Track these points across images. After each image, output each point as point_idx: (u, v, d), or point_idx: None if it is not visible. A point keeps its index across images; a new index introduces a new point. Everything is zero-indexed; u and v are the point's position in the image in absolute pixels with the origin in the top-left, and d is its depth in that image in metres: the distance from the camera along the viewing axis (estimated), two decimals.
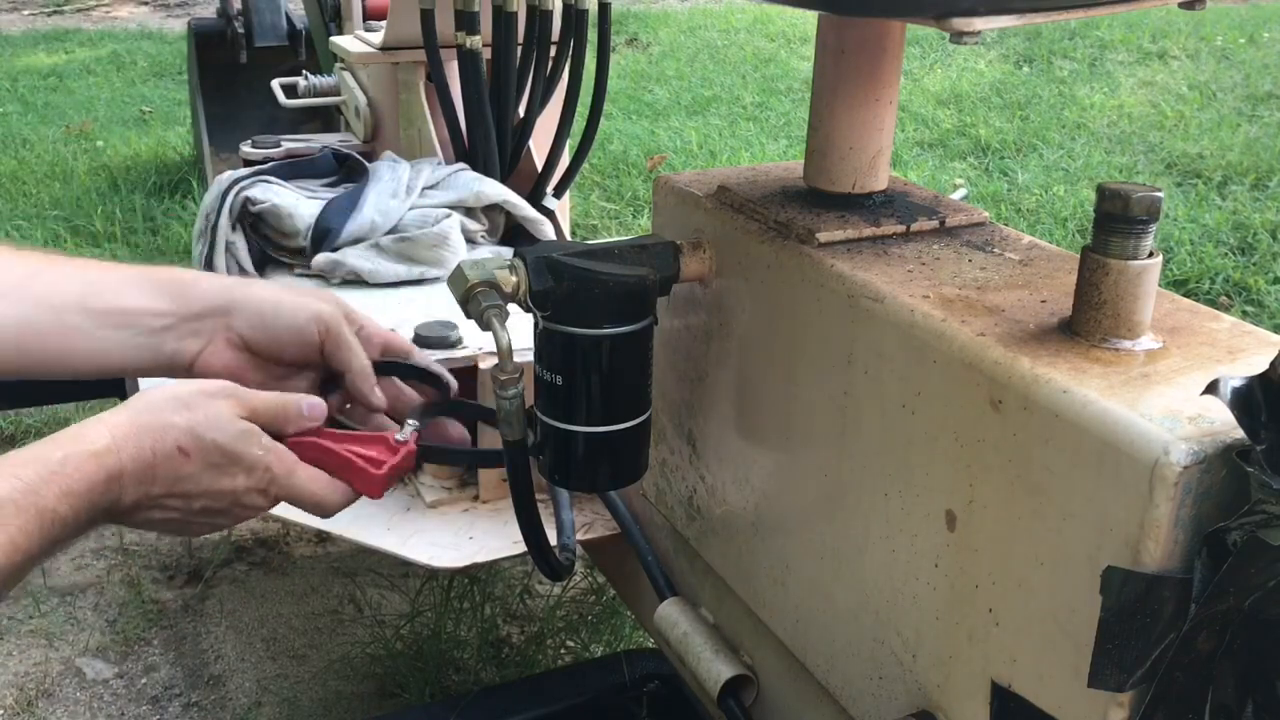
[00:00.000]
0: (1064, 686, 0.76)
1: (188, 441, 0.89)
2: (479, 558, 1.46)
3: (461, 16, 1.87)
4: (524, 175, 2.12)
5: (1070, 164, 4.24)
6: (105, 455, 0.86)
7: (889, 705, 0.96)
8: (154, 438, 0.88)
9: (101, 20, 7.73)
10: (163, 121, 4.99)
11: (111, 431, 0.87)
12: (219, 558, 2.19)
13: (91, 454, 0.85)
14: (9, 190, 4.06)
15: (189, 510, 0.91)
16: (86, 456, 0.85)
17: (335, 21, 2.78)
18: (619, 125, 4.83)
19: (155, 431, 0.88)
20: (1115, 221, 0.78)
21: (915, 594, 0.90)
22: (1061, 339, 0.82)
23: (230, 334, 1.04)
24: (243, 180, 1.84)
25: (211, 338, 1.03)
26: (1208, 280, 3.25)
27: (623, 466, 1.08)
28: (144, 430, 0.88)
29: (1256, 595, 0.67)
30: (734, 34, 6.70)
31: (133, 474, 0.87)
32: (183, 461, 0.89)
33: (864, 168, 1.07)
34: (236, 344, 1.04)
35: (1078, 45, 5.82)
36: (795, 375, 1.02)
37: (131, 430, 0.88)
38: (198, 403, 0.91)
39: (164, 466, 0.88)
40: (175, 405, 0.90)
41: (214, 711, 1.83)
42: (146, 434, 0.88)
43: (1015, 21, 0.84)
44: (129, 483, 0.87)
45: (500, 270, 0.99)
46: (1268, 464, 0.65)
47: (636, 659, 1.49)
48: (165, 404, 0.90)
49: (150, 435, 0.88)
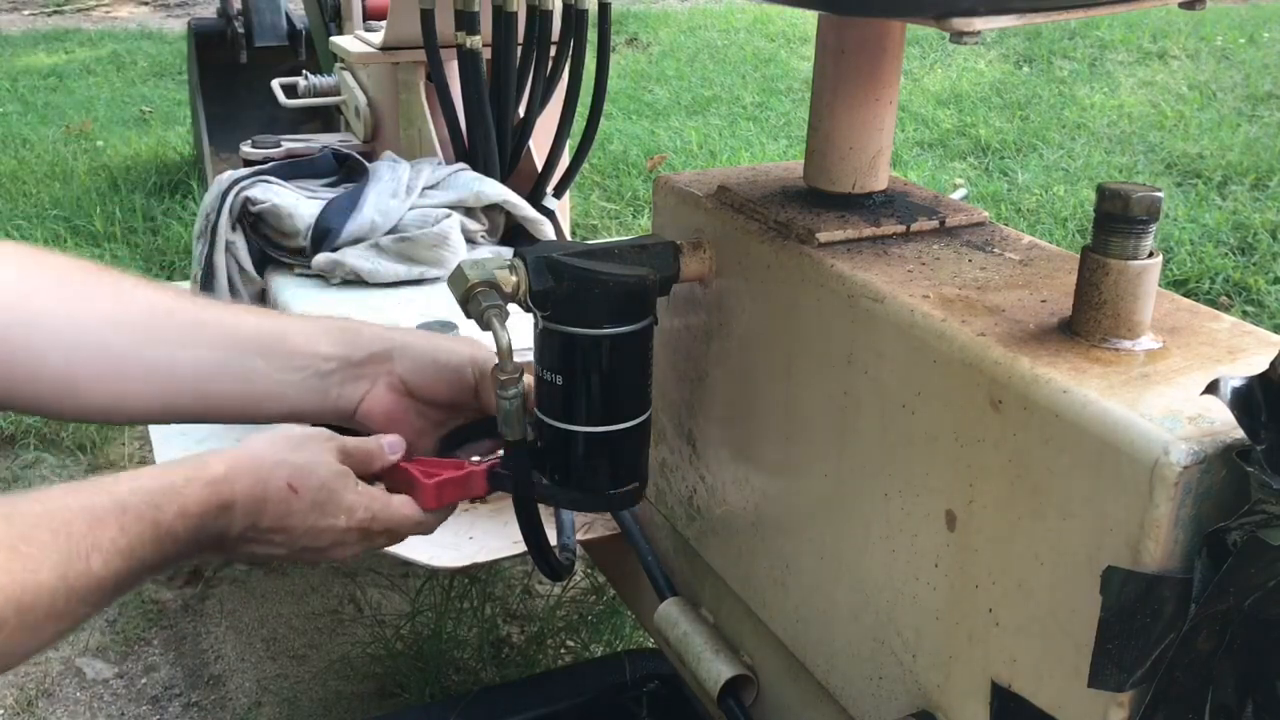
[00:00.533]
0: (1064, 686, 0.76)
1: (298, 479, 0.94)
2: (479, 558, 1.46)
3: (461, 16, 1.87)
4: (524, 175, 2.12)
5: (1070, 164, 4.24)
6: (221, 484, 0.90)
7: (889, 705, 0.96)
8: (268, 473, 0.93)
9: (101, 20, 7.73)
10: (163, 121, 4.99)
11: (229, 464, 0.91)
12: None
13: (209, 481, 0.89)
14: (9, 190, 4.06)
15: (291, 546, 0.96)
16: (204, 483, 0.89)
17: (335, 21, 2.78)
18: (619, 125, 4.83)
19: (268, 468, 0.93)
20: (1115, 221, 0.78)
21: (915, 594, 0.90)
22: (1061, 339, 0.82)
23: (392, 378, 1.08)
24: (243, 180, 1.84)
25: (374, 382, 1.07)
26: (1208, 280, 3.25)
27: (623, 467, 1.08)
28: (259, 466, 0.93)
29: (1256, 595, 0.67)
30: (734, 34, 6.70)
31: (244, 506, 0.91)
32: (292, 498, 0.93)
33: (864, 168, 1.07)
34: (398, 388, 1.08)
35: (1078, 45, 5.82)
36: (795, 375, 1.02)
37: (248, 465, 0.92)
38: (305, 444, 0.96)
39: (274, 502, 0.93)
40: (288, 445, 0.95)
41: (214, 711, 1.83)
42: (261, 469, 0.93)
43: (1015, 21, 0.84)
44: (239, 514, 0.91)
45: (500, 270, 0.99)
46: (1268, 464, 0.65)
47: (636, 659, 1.49)
48: (279, 443, 0.95)
49: (265, 471, 0.93)
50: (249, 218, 1.83)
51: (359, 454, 1.00)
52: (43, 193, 4.02)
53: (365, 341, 1.07)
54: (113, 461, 2.47)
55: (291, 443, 0.96)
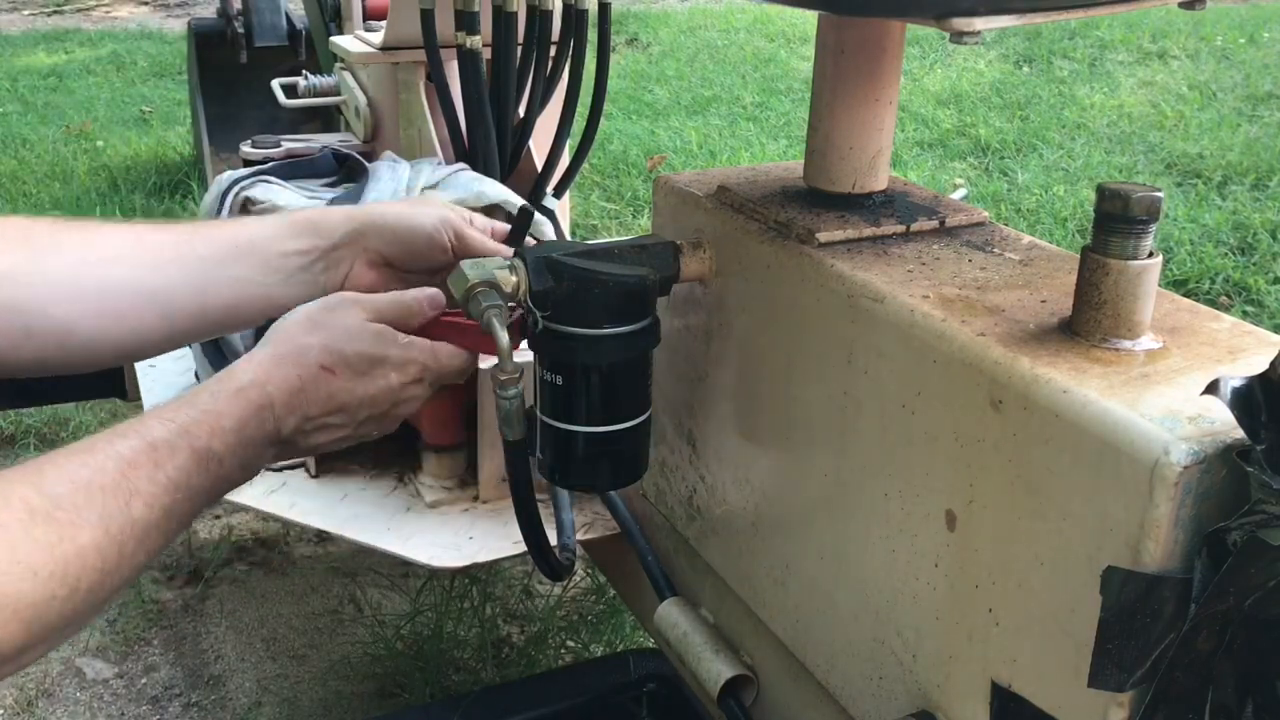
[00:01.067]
0: (1064, 686, 0.76)
1: (329, 359, 0.93)
2: (479, 558, 1.46)
3: (461, 16, 1.87)
4: (524, 175, 2.12)
5: (1070, 164, 4.24)
6: (250, 389, 0.90)
7: (889, 705, 0.96)
8: (295, 362, 0.92)
9: (101, 20, 7.73)
10: (163, 121, 4.99)
11: (254, 368, 0.91)
12: (219, 558, 2.19)
13: (236, 390, 0.89)
14: (9, 190, 4.06)
15: (355, 421, 0.96)
16: (232, 394, 0.89)
17: (335, 21, 2.78)
18: (619, 125, 4.83)
19: (295, 356, 0.92)
20: (1115, 221, 0.78)
21: (915, 594, 0.90)
22: (1061, 339, 0.82)
23: (369, 254, 1.11)
24: (243, 180, 1.84)
25: (353, 262, 1.10)
26: (1208, 280, 3.24)
27: (623, 466, 1.08)
28: (284, 359, 0.92)
29: (1256, 595, 0.67)
30: (734, 34, 6.70)
31: (283, 402, 0.90)
32: (330, 379, 0.93)
33: (864, 168, 1.07)
34: (376, 262, 1.10)
35: (1078, 45, 5.82)
36: (795, 375, 1.02)
37: (273, 362, 0.92)
38: (327, 319, 0.95)
39: (312, 388, 0.92)
40: (308, 327, 0.95)
41: (214, 711, 1.83)
42: (288, 361, 0.92)
43: (1015, 21, 0.84)
44: (281, 411, 0.90)
45: (500, 270, 0.99)
46: (1268, 464, 0.65)
47: (636, 659, 1.49)
48: (298, 329, 0.95)
49: (291, 361, 0.92)
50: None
51: (394, 310, 1.00)
52: (43, 193, 4.02)
53: (333, 226, 1.09)
54: None
55: (311, 322, 0.95)
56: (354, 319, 0.96)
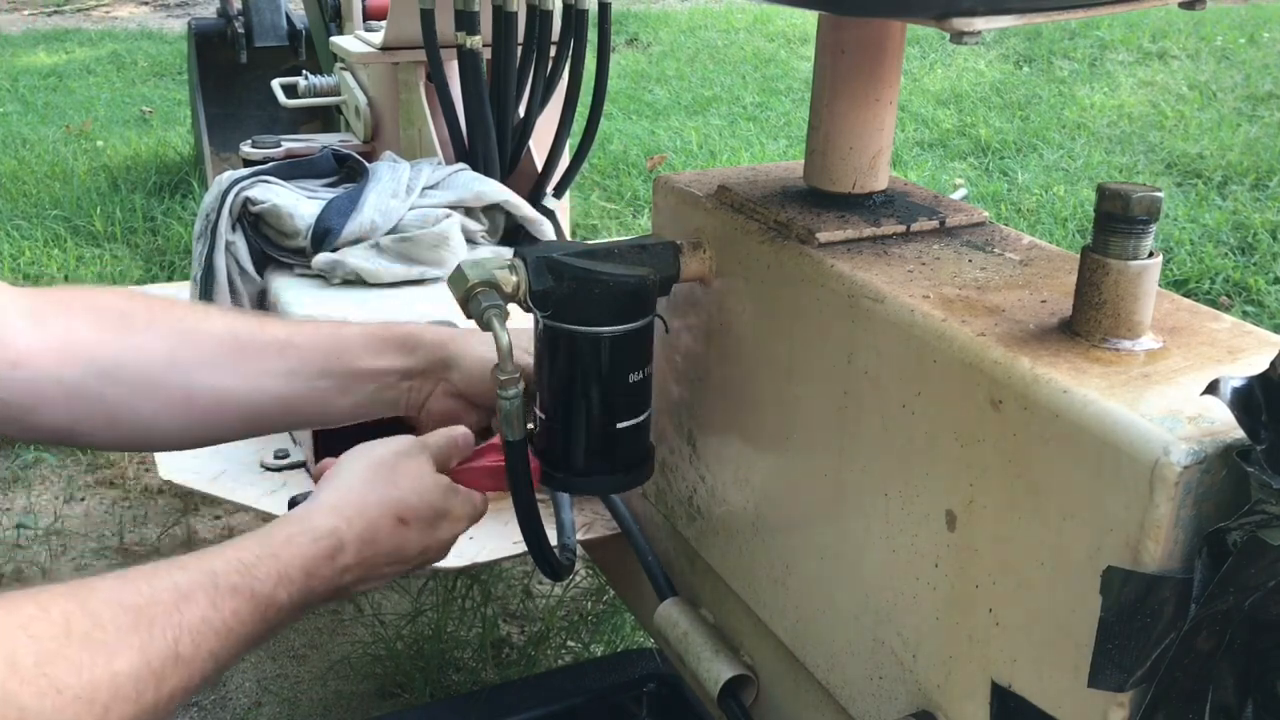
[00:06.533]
0: (1064, 686, 0.76)
1: (406, 511, 0.96)
2: (479, 558, 1.46)
3: (461, 16, 1.87)
4: (524, 175, 2.12)
5: (1070, 164, 4.24)
6: (327, 539, 0.90)
7: (889, 705, 0.96)
8: (375, 515, 0.94)
9: (101, 20, 7.73)
10: (163, 121, 4.99)
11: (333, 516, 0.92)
12: None
13: (313, 539, 0.89)
14: (9, 190, 4.06)
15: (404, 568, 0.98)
16: (308, 541, 0.89)
17: (335, 21, 2.78)
18: (619, 125, 4.83)
19: (375, 509, 0.94)
20: (1115, 221, 0.78)
21: (915, 594, 0.90)
22: (1061, 339, 0.82)
23: (448, 385, 1.14)
24: (243, 180, 1.84)
25: (434, 389, 1.14)
26: (1208, 280, 3.24)
27: (623, 466, 1.08)
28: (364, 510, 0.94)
29: (1256, 595, 0.67)
30: (734, 34, 6.70)
31: (355, 553, 0.92)
32: (403, 531, 0.95)
33: (864, 168, 1.07)
34: (453, 393, 1.14)
35: (1078, 45, 5.82)
36: (795, 375, 1.02)
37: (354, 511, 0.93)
38: (401, 468, 0.98)
39: (385, 540, 0.94)
40: (386, 476, 0.97)
41: (214, 711, 1.83)
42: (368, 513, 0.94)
43: (1015, 21, 0.84)
44: (351, 562, 0.91)
45: (500, 270, 0.99)
46: (1268, 464, 0.65)
47: (636, 659, 1.49)
48: (375, 476, 0.96)
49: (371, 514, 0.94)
50: (249, 218, 1.83)
51: (441, 453, 1.03)
52: (43, 193, 4.01)
53: (425, 352, 1.12)
54: (112, 461, 2.47)
55: (388, 469, 0.97)
56: (425, 469, 0.99)
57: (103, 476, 2.44)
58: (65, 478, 2.43)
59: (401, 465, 0.98)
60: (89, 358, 0.98)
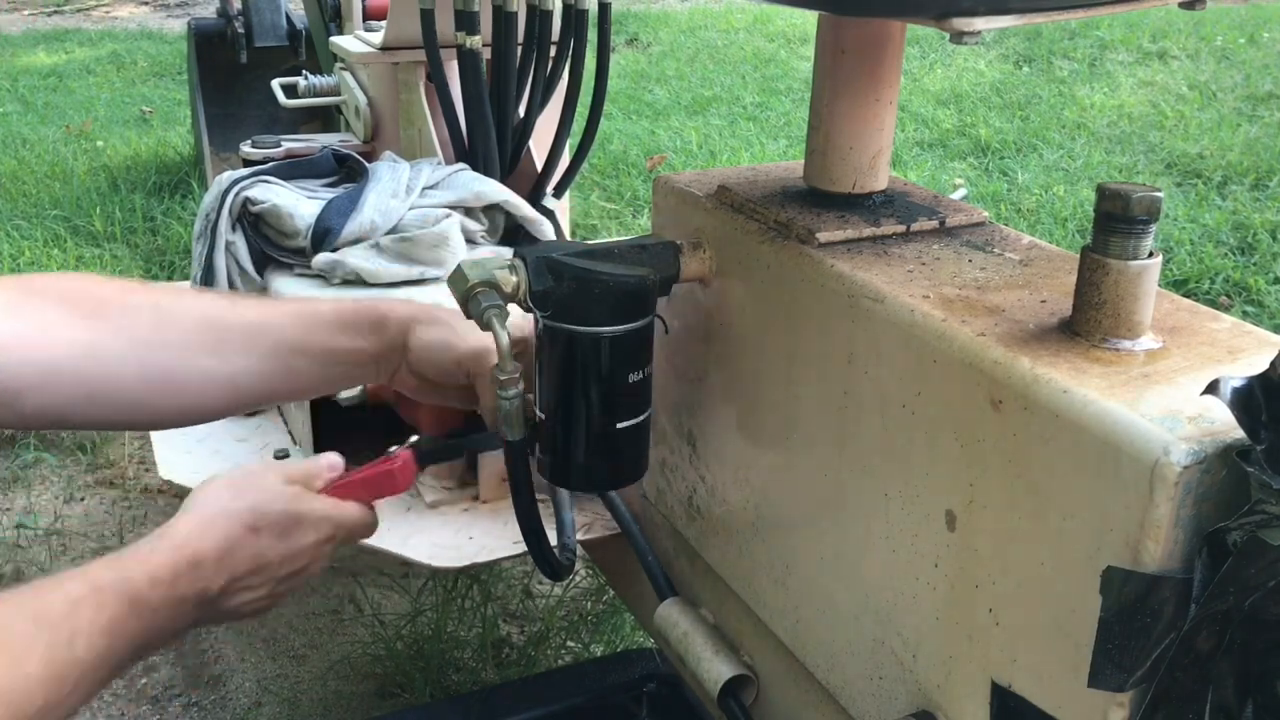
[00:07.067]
0: (1064, 686, 0.76)
1: (253, 519, 0.99)
2: (479, 558, 1.46)
3: (461, 16, 1.87)
4: (524, 175, 2.12)
5: (1070, 164, 4.24)
6: (185, 546, 0.95)
7: (889, 705, 0.96)
8: (225, 524, 0.98)
9: (101, 20, 7.73)
10: (163, 121, 4.99)
11: (188, 528, 0.97)
12: None
13: (174, 545, 0.95)
14: (9, 190, 4.06)
15: (275, 579, 1.01)
16: (169, 549, 0.94)
17: (335, 21, 2.78)
18: (619, 125, 4.83)
19: (224, 519, 0.98)
20: (1115, 221, 0.78)
21: (915, 594, 0.90)
22: (1061, 339, 0.82)
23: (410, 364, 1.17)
24: (243, 180, 1.84)
25: (399, 366, 1.17)
26: (1208, 280, 3.24)
27: (623, 466, 1.08)
28: (214, 521, 0.98)
29: (1256, 595, 0.67)
30: (734, 34, 6.70)
31: (213, 560, 0.96)
32: (255, 538, 0.99)
33: (864, 168, 1.07)
34: (415, 372, 1.17)
35: (1078, 45, 5.81)
36: (795, 375, 1.02)
37: (206, 522, 0.98)
38: (248, 484, 1.02)
39: (239, 548, 0.98)
40: (231, 493, 1.00)
41: (214, 711, 1.83)
42: (219, 523, 0.98)
43: (1015, 21, 0.84)
44: (212, 568, 0.96)
45: (500, 270, 0.99)
46: (1268, 464, 0.65)
47: (636, 659, 1.49)
48: (222, 494, 1.01)
49: (221, 524, 0.98)
50: (249, 218, 1.83)
51: (300, 476, 1.07)
52: (43, 193, 4.01)
53: (390, 334, 1.15)
54: (112, 461, 2.47)
55: (234, 488, 1.01)
56: (272, 481, 1.03)
57: (102, 476, 2.44)
58: (65, 478, 2.43)
59: (249, 481, 1.02)
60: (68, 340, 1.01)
